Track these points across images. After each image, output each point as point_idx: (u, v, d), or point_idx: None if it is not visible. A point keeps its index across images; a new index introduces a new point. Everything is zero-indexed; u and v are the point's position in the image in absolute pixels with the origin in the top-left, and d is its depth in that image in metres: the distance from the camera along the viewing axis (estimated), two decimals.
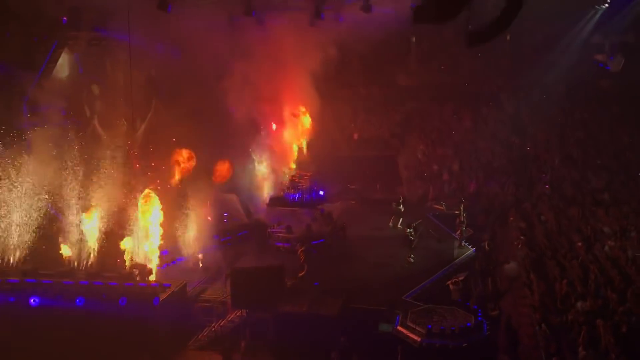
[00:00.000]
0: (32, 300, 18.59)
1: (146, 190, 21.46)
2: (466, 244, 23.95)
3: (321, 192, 27.22)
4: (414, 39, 38.57)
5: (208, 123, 26.56)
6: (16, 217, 20.59)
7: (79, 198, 21.25)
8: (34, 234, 20.94)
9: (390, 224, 26.32)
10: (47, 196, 21.29)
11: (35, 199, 21.07)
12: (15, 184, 20.75)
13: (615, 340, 14.26)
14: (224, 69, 26.40)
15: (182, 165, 25.59)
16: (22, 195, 20.73)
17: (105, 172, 21.52)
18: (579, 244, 20.64)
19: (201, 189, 23.78)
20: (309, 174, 28.10)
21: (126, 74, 22.43)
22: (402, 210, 26.33)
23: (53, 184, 21.33)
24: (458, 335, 16.62)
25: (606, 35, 32.38)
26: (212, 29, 24.15)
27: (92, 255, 20.84)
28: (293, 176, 27.68)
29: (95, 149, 22.28)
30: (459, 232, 24.50)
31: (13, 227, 20.56)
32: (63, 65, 25.71)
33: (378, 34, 29.89)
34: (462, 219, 24.60)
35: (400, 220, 26.00)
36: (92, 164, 21.63)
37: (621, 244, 19.54)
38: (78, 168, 21.39)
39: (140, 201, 21.43)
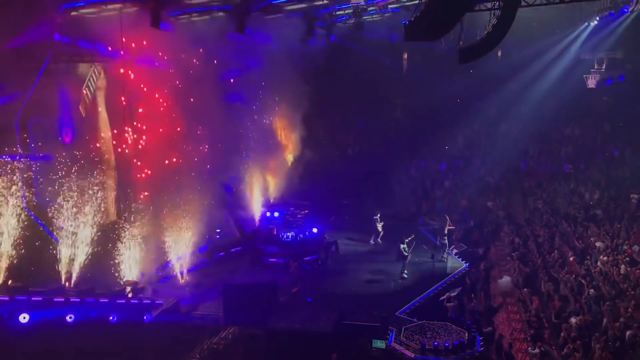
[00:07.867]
0: (22, 318, 18.38)
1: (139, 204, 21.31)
2: (455, 257, 24.00)
3: (315, 230, 25.92)
4: (405, 56, 38.93)
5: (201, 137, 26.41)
6: (6, 234, 20.38)
7: (71, 213, 21.09)
8: (24, 251, 20.71)
9: (371, 241, 26.54)
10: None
11: (25, 215, 20.90)
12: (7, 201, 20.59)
13: (609, 356, 14.27)
14: (218, 86, 26.27)
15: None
16: (12, 212, 20.54)
17: (97, 185, 21.39)
18: (572, 259, 20.69)
19: (195, 203, 23.64)
20: (305, 211, 27.44)
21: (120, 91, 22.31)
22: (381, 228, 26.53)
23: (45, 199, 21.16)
24: (451, 352, 16.53)
25: (594, 52, 32.75)
26: (204, 45, 24.12)
27: (83, 272, 20.65)
28: (287, 215, 26.98)
29: (88, 162, 22.08)
30: (438, 243, 24.49)
31: (3, 245, 20.35)
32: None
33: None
34: (445, 232, 24.49)
35: (373, 236, 26.45)
36: (84, 177, 21.47)
37: (614, 259, 19.60)
38: (70, 182, 21.24)
39: (134, 215, 21.32)
